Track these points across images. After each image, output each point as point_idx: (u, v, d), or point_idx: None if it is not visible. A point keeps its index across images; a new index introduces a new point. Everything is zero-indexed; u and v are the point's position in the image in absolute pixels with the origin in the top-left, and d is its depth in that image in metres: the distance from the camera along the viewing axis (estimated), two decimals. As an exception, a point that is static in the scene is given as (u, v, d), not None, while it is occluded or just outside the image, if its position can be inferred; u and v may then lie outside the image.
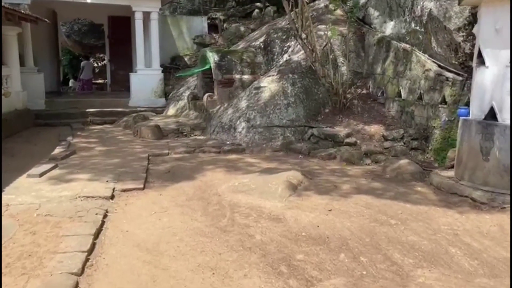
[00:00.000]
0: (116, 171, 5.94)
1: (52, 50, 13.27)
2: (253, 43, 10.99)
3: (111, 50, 14.44)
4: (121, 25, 13.69)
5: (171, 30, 14.54)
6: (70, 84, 15.90)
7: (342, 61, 8.60)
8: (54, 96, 12.34)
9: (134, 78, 11.76)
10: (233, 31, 15.12)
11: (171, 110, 10.85)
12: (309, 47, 7.60)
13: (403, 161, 6.41)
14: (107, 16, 13.86)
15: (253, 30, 14.55)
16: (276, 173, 5.66)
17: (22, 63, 10.84)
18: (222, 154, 7.35)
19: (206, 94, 9.19)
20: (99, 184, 5.33)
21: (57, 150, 7.10)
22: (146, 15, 11.95)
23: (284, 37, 10.28)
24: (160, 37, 12.75)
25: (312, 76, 8.30)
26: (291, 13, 7.95)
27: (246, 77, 9.30)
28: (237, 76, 9.22)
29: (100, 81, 20.10)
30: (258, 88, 8.43)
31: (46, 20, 9.98)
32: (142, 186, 5.35)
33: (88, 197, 4.85)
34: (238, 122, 8.06)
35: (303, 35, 7.69)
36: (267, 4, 15.81)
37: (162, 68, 12.08)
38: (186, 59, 14.50)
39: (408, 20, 7.87)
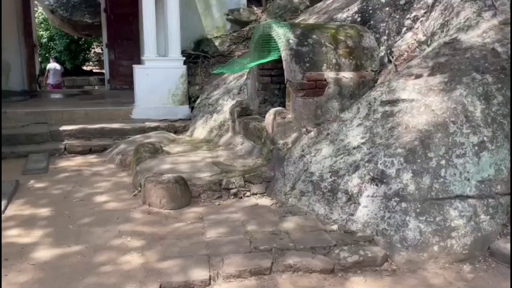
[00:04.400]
0: None
1: (21, 30, 8.93)
2: (336, 16, 6.48)
3: (110, 30, 10.11)
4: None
5: (195, 2, 10.08)
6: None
7: None
8: (20, 100, 8.08)
9: (140, 74, 7.41)
10: (283, 3, 10.61)
11: (200, 130, 6.46)
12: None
13: None
14: (102, -21, 9.52)
15: (312, 2, 10.04)
16: None
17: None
18: (339, 281, 2.96)
19: (273, 111, 4.78)
20: None
21: None
22: (159, -26, 7.56)
23: (402, 2, 5.75)
24: (180, 12, 8.35)
25: (523, 79, 3.77)
26: None
27: (347, 76, 4.85)
28: (331, 75, 4.78)
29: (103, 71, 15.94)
30: (392, 103, 3.97)
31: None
32: None
33: None
34: (354, 180, 3.67)
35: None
36: (329, -36, 11.19)
37: (184, 58, 7.67)
38: (216, 43, 10.06)
39: None
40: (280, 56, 4.85)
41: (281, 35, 4.76)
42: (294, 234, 3.45)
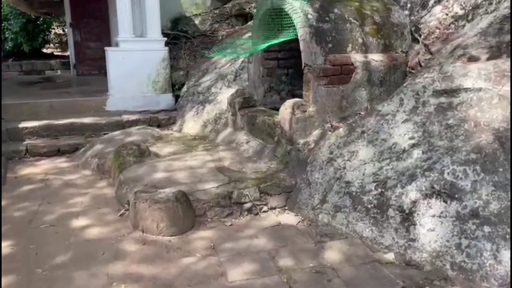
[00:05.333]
0: None
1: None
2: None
3: (75, 7, 8.84)
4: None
5: (171, -25, 8.95)
6: None
7: None
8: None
9: (114, 58, 6.31)
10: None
11: (190, 124, 5.48)
12: None
13: None
14: None
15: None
16: None
17: None
18: None
19: (290, 104, 3.88)
20: None
21: None
22: None
23: (426, -30, 4.91)
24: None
25: None
26: None
27: (376, 58, 4.00)
28: (359, 57, 3.92)
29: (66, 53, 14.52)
30: (450, 93, 3.16)
31: None
32: None
33: None
34: (410, 194, 2.87)
35: None
36: None
37: (165, 38, 6.62)
38: (196, 21, 9.01)
39: None
40: (296, 36, 3.94)
41: (298, 8, 3.84)
42: (343, 270, 2.63)
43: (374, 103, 4.01)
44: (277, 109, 4.66)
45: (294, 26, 3.93)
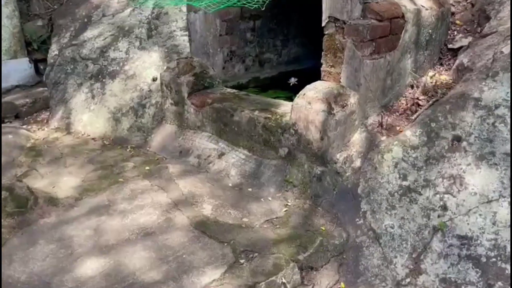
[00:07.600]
0: None
1: None
2: None
3: None
4: None
5: None
6: None
7: None
8: None
9: None
10: None
11: (84, 116, 3.25)
12: None
13: None
14: None
15: None
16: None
17: None
18: None
19: (320, 93, 2.14)
20: None
21: None
22: None
23: None
24: None
25: None
26: None
27: (426, 5, 2.49)
28: (408, 4, 2.35)
29: None
30: None
31: None
32: None
33: None
34: None
35: None
36: None
37: (3, -36, 3.93)
38: None
39: None
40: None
41: None
42: None
43: (418, 75, 2.57)
44: (243, 87, 2.91)
45: None
